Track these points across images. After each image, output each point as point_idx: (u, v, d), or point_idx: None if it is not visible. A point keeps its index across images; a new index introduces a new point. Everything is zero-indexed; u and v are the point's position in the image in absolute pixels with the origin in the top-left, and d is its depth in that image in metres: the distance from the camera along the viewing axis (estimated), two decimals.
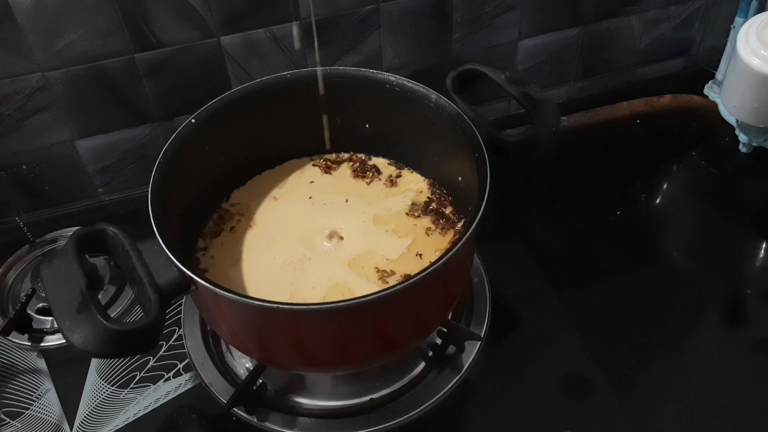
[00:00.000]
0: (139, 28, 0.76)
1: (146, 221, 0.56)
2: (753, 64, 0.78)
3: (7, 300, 0.78)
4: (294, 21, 0.79)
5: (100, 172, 0.87)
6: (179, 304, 0.76)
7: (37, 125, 0.80)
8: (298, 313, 0.53)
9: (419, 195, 0.75)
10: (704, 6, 1.02)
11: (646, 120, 1.01)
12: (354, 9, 0.83)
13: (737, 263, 0.82)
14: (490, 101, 1.00)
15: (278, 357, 0.62)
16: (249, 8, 0.79)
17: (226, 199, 0.75)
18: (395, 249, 0.69)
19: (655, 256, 0.83)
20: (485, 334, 0.73)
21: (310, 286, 0.65)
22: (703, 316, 0.76)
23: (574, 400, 0.68)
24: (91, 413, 0.68)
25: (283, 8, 0.80)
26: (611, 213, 0.87)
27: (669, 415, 0.67)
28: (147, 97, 0.82)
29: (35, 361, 0.73)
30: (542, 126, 0.65)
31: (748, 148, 0.93)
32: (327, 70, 0.71)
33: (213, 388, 0.69)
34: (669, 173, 0.95)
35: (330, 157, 0.79)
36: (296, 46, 0.81)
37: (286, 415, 0.67)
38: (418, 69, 0.92)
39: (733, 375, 0.71)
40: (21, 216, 0.86)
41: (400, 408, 0.67)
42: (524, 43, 0.95)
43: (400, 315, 0.59)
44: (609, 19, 0.98)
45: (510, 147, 0.65)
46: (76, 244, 0.51)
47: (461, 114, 0.65)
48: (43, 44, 0.74)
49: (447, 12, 0.88)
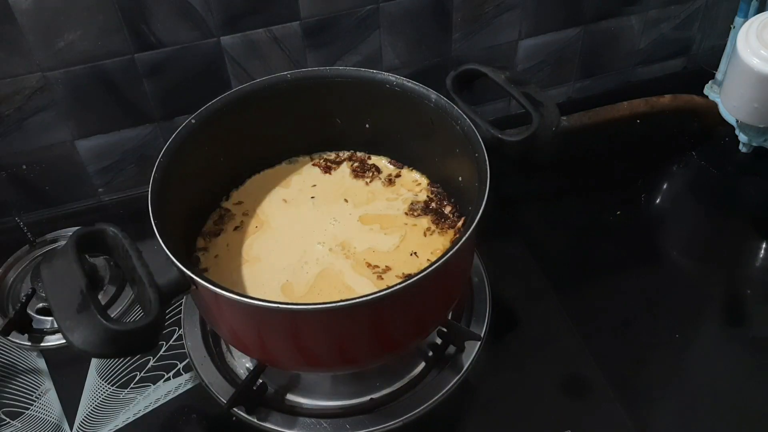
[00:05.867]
0: (139, 28, 0.76)
1: (146, 221, 0.56)
2: (753, 64, 0.78)
3: (7, 300, 0.78)
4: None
5: (100, 172, 0.87)
6: (179, 304, 0.76)
7: (37, 125, 0.80)
8: (298, 313, 0.53)
9: (419, 194, 0.75)
10: (704, 6, 1.02)
11: (646, 120, 1.00)
12: (354, 9, 0.83)
13: (737, 263, 0.82)
14: (490, 101, 1.00)
15: (278, 357, 0.62)
16: (249, 8, 0.79)
17: (226, 198, 0.75)
18: (394, 248, 0.69)
19: (654, 256, 0.83)
20: (485, 334, 0.73)
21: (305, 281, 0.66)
22: (703, 316, 0.76)
23: (574, 400, 0.68)
24: (91, 413, 0.68)
25: (283, 8, 0.80)
26: (611, 213, 0.87)
27: (669, 415, 0.67)
28: (147, 97, 0.82)
29: (35, 361, 0.73)
30: (542, 126, 0.65)
31: (748, 148, 0.93)
32: (327, 70, 0.71)
33: (213, 388, 0.69)
34: (669, 173, 0.95)
35: (330, 157, 0.79)
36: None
37: (286, 415, 0.67)
38: (418, 69, 0.92)
39: (733, 375, 0.71)
40: (21, 216, 0.86)
41: (400, 408, 0.67)
42: (524, 43, 0.95)
43: (400, 315, 0.59)
44: (609, 19, 0.98)
45: (510, 147, 0.65)
46: (76, 244, 0.51)
47: (461, 114, 0.65)
48: (43, 44, 0.74)
49: (447, 12, 0.88)
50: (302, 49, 0.84)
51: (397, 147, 0.77)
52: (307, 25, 0.82)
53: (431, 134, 0.70)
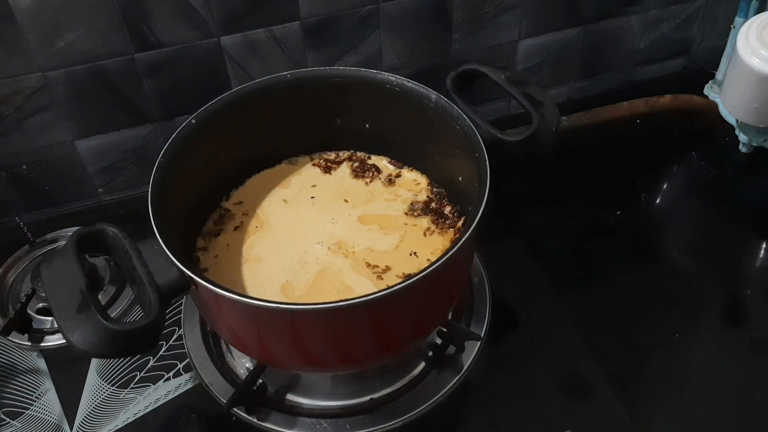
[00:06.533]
0: (139, 28, 0.76)
1: (146, 221, 0.56)
2: (753, 64, 0.78)
3: (7, 300, 0.78)
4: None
5: (100, 172, 0.87)
6: (179, 304, 0.76)
7: (37, 125, 0.80)
8: (298, 313, 0.53)
9: (419, 194, 0.75)
10: (704, 6, 1.02)
11: (646, 120, 1.01)
12: (354, 9, 0.83)
13: (737, 263, 0.82)
14: (490, 101, 1.00)
15: (278, 357, 0.62)
16: (249, 8, 0.79)
17: (226, 198, 0.75)
18: (394, 248, 0.69)
19: (655, 256, 0.83)
20: (485, 334, 0.73)
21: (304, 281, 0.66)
22: (703, 316, 0.76)
23: (574, 400, 0.68)
24: (91, 413, 0.68)
25: (283, 8, 0.80)
26: (611, 213, 0.87)
27: (669, 415, 0.67)
28: (147, 97, 0.82)
29: (35, 361, 0.73)
30: (542, 126, 0.65)
31: (748, 148, 0.93)
32: (327, 70, 0.71)
33: (213, 388, 0.69)
34: (669, 173, 0.95)
35: (329, 157, 0.79)
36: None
37: (286, 415, 0.67)
38: (418, 69, 0.92)
39: (733, 375, 0.71)
40: (21, 216, 0.86)
41: (400, 408, 0.67)
42: (524, 43, 0.95)
43: (400, 315, 0.59)
44: (609, 19, 0.98)
45: (510, 147, 0.65)
46: (76, 244, 0.51)
47: (461, 114, 0.65)
48: (43, 44, 0.74)
49: (447, 12, 0.88)
50: (302, 49, 0.84)
51: (397, 147, 0.77)
52: (307, 25, 0.82)
53: (431, 134, 0.70)
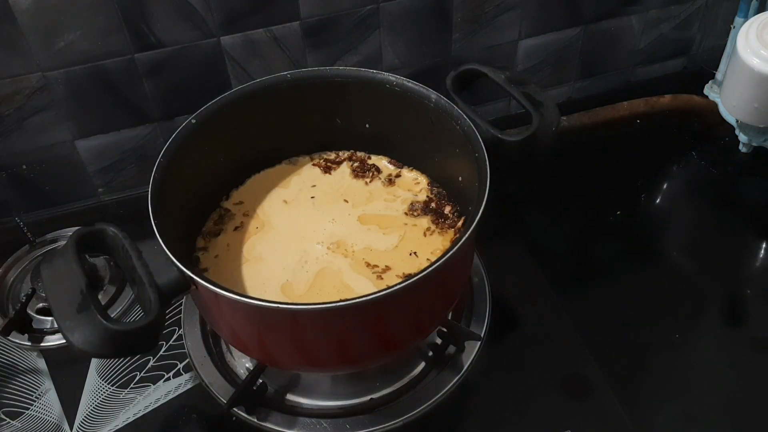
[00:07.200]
0: (139, 28, 0.76)
1: (146, 221, 0.56)
2: (753, 64, 0.78)
3: (7, 300, 0.78)
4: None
5: (100, 172, 0.87)
6: (179, 304, 0.76)
7: (37, 125, 0.80)
8: (298, 313, 0.53)
9: (419, 194, 0.75)
10: (704, 6, 1.02)
11: (646, 120, 1.01)
12: (354, 9, 0.83)
13: (737, 263, 0.82)
14: (490, 101, 1.00)
15: (278, 357, 0.62)
16: (249, 8, 0.79)
17: (226, 198, 0.75)
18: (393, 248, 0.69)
19: (655, 256, 0.83)
20: (485, 334, 0.73)
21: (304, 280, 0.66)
22: (703, 316, 0.76)
23: (574, 400, 0.68)
24: (91, 413, 0.68)
25: (283, 8, 0.80)
26: (611, 213, 0.87)
27: (669, 415, 0.67)
28: (147, 97, 0.82)
29: (35, 361, 0.73)
30: (542, 126, 0.65)
31: (748, 148, 0.93)
32: (327, 70, 0.71)
33: (213, 388, 0.69)
34: (669, 173, 0.95)
35: (329, 157, 0.79)
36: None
37: (286, 415, 0.67)
38: (418, 69, 0.92)
39: (733, 375, 0.71)
40: (21, 216, 0.86)
41: (400, 408, 0.67)
42: (524, 43, 0.95)
43: (400, 315, 0.59)
44: (609, 19, 0.98)
45: (510, 147, 0.65)
46: (76, 244, 0.51)
47: (461, 114, 0.65)
48: (43, 44, 0.74)
49: (447, 12, 0.88)
50: (302, 49, 0.84)
51: (397, 147, 0.77)
52: (307, 25, 0.82)
53: (431, 134, 0.70)
